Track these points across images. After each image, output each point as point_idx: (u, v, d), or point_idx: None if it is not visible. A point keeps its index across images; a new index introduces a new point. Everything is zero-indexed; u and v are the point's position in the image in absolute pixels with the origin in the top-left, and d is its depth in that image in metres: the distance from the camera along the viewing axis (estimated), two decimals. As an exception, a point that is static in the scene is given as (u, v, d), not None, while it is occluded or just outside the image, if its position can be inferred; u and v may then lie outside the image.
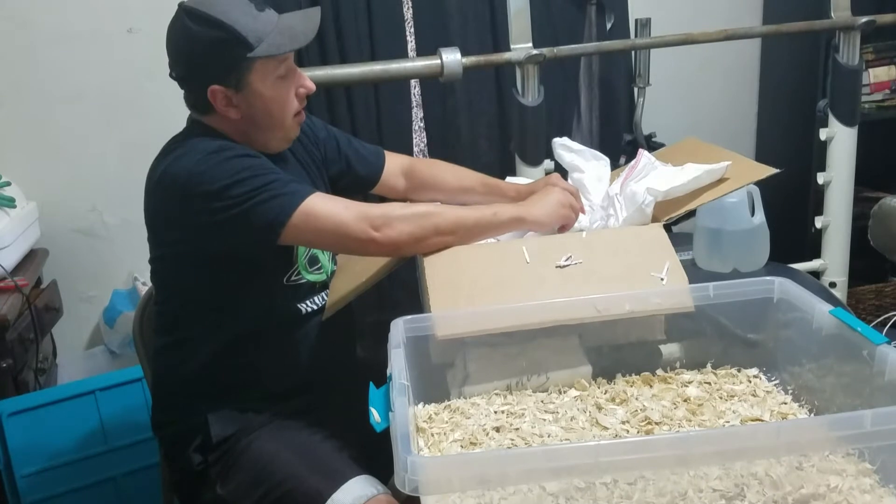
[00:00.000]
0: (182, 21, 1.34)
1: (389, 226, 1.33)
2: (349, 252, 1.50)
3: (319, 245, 1.47)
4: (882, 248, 1.88)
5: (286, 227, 1.31)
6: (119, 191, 2.42)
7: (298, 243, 1.43)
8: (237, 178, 1.30)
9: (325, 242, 1.42)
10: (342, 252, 1.55)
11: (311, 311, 1.49)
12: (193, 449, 1.44)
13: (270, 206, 1.30)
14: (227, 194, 1.29)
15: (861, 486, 0.96)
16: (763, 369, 1.28)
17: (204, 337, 1.45)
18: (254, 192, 1.30)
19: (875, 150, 2.83)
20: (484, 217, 1.39)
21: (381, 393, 1.05)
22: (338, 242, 1.39)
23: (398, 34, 2.41)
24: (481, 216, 1.39)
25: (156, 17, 1.39)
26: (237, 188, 1.29)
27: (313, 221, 1.32)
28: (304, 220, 1.31)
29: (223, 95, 1.36)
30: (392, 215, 1.35)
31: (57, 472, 1.99)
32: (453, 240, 1.36)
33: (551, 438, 1.11)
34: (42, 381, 2.15)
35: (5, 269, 2.02)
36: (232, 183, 1.30)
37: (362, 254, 1.44)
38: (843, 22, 2.22)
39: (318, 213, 1.32)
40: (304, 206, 1.31)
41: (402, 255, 1.40)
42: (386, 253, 1.39)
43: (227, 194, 1.29)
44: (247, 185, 1.30)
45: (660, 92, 2.72)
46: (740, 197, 1.85)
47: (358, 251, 1.42)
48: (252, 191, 1.30)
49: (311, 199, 1.32)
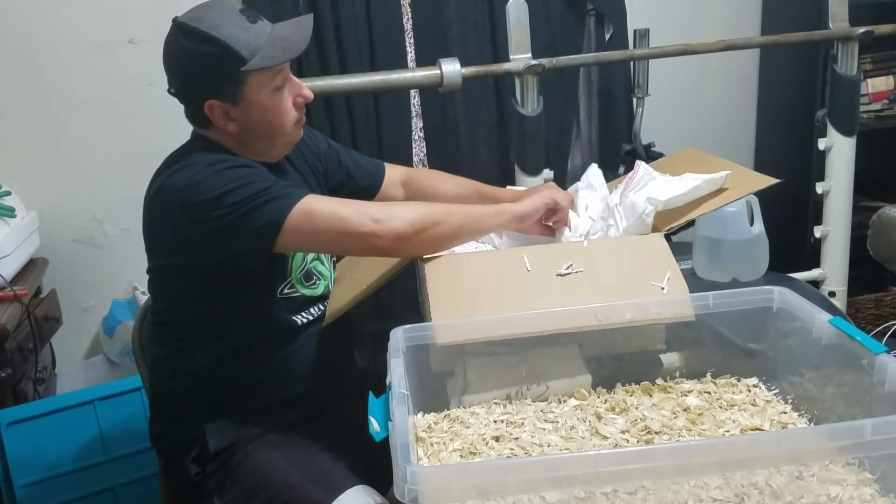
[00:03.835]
0: (176, 37, 1.34)
1: (390, 217, 1.31)
2: (348, 251, 1.49)
3: (317, 246, 1.44)
4: (881, 257, 1.87)
5: (283, 228, 1.29)
6: (119, 201, 2.42)
7: (295, 248, 1.39)
8: (231, 186, 1.30)
9: (324, 242, 1.38)
10: (341, 252, 1.53)
11: (307, 321, 1.49)
12: (191, 460, 1.44)
13: (266, 210, 1.29)
14: (222, 203, 1.29)
15: (861, 495, 0.96)
16: (763, 378, 1.28)
17: (200, 348, 1.44)
18: (249, 199, 1.29)
19: (874, 160, 2.84)
20: (473, 209, 1.44)
21: (381, 402, 1.05)
22: (338, 240, 1.36)
23: (398, 44, 2.42)
24: (471, 208, 1.45)
25: (157, 28, 1.39)
26: (232, 196, 1.29)
27: (312, 220, 1.30)
28: (303, 219, 1.30)
29: (221, 110, 1.36)
30: (392, 207, 1.37)
31: (56, 482, 1.99)
32: (448, 231, 1.36)
33: (551, 448, 1.11)
34: (41, 391, 2.15)
35: (5, 278, 2.02)
36: (227, 192, 1.29)
37: (363, 252, 1.41)
38: (841, 32, 2.23)
39: (317, 211, 1.31)
40: (301, 205, 1.30)
41: (402, 251, 1.36)
42: (388, 247, 1.33)
43: (223, 203, 1.29)
44: (242, 192, 1.29)
45: (659, 102, 2.73)
46: (740, 207, 1.85)
47: (358, 248, 1.39)
48: (247, 197, 1.29)
49: (308, 199, 1.32)
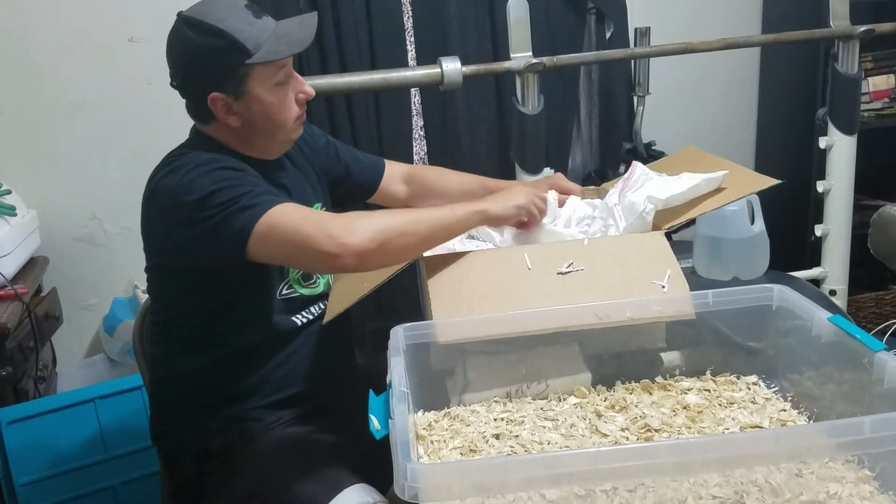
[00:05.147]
0: (181, 30, 1.34)
1: (349, 233, 1.24)
2: (313, 269, 1.44)
3: (284, 261, 1.38)
4: (882, 256, 1.87)
5: (251, 239, 1.27)
6: (119, 199, 2.43)
7: (266, 259, 1.33)
8: (217, 187, 1.29)
9: (289, 256, 1.33)
10: (308, 269, 1.46)
11: (307, 321, 1.48)
12: (192, 458, 1.44)
13: (238, 218, 1.27)
14: (207, 204, 1.28)
15: (861, 492, 0.96)
16: (762, 376, 1.28)
17: (200, 347, 1.44)
18: (228, 203, 1.27)
19: (874, 159, 2.83)
20: (443, 214, 1.33)
21: (381, 400, 1.05)
22: (300, 257, 1.30)
23: (398, 43, 2.42)
24: (440, 213, 1.34)
25: (157, 27, 1.39)
26: (216, 198, 1.28)
27: (274, 233, 1.26)
28: (267, 232, 1.26)
29: (223, 103, 1.36)
30: (352, 222, 1.27)
31: (56, 480, 1.99)
32: (415, 241, 1.29)
33: (551, 446, 1.11)
34: (42, 390, 2.15)
35: (5, 277, 2.02)
36: (211, 192, 1.28)
37: (327, 270, 1.37)
38: (842, 31, 2.23)
39: (278, 225, 1.26)
40: (266, 218, 1.26)
41: (367, 267, 1.30)
42: (350, 265, 1.26)
43: (207, 204, 1.28)
44: (224, 195, 1.28)
45: (659, 101, 2.73)
46: (740, 205, 1.85)
47: (321, 266, 1.36)
48: (227, 201, 1.27)
49: (274, 211, 1.27)
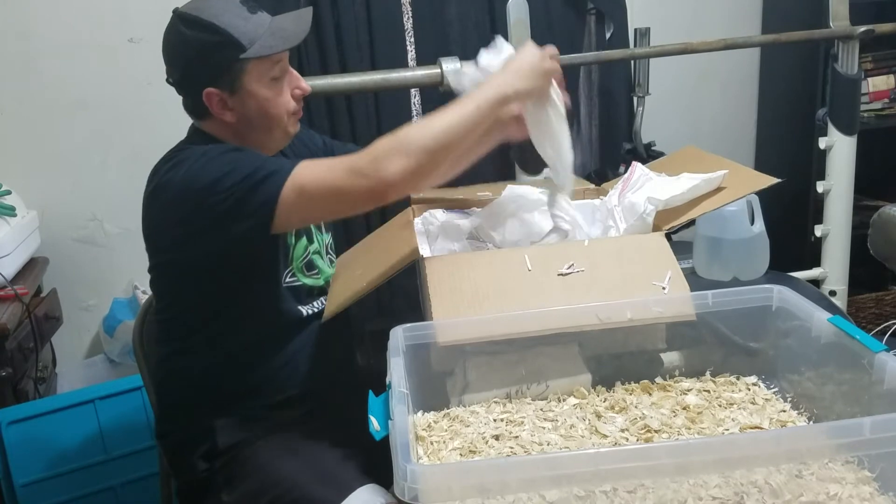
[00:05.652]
0: (176, 26, 1.35)
1: (379, 169, 1.24)
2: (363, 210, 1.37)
3: (326, 215, 1.43)
4: (882, 256, 1.87)
5: (278, 207, 1.27)
6: (119, 200, 2.43)
7: (295, 224, 1.37)
8: (225, 170, 1.29)
9: (329, 210, 1.37)
10: (342, 215, 1.45)
11: (312, 314, 1.49)
12: (198, 456, 1.44)
13: (259, 192, 1.28)
14: (218, 188, 1.28)
15: (861, 493, 0.96)
16: (762, 377, 1.28)
17: (206, 344, 1.45)
18: (242, 182, 1.28)
19: (874, 159, 2.84)
20: (466, 111, 1.27)
21: (381, 401, 1.05)
22: (343, 205, 1.33)
23: (398, 43, 2.42)
24: (462, 111, 1.27)
25: (157, 27, 1.39)
26: (227, 180, 1.28)
27: (304, 194, 1.27)
28: (296, 197, 1.27)
29: (218, 98, 1.37)
30: (378, 155, 1.25)
31: (56, 481, 1.99)
32: (445, 154, 1.26)
33: (550, 447, 1.11)
34: (41, 390, 2.15)
35: (5, 277, 2.02)
36: (221, 176, 1.28)
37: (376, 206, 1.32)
38: (841, 31, 2.23)
39: (307, 185, 1.28)
40: (291, 182, 1.27)
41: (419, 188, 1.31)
42: (399, 192, 1.28)
43: (219, 188, 1.28)
44: (235, 175, 1.28)
45: (659, 101, 2.73)
46: (740, 206, 1.85)
47: (369, 205, 1.31)
48: (241, 180, 1.28)
49: (297, 173, 1.28)
